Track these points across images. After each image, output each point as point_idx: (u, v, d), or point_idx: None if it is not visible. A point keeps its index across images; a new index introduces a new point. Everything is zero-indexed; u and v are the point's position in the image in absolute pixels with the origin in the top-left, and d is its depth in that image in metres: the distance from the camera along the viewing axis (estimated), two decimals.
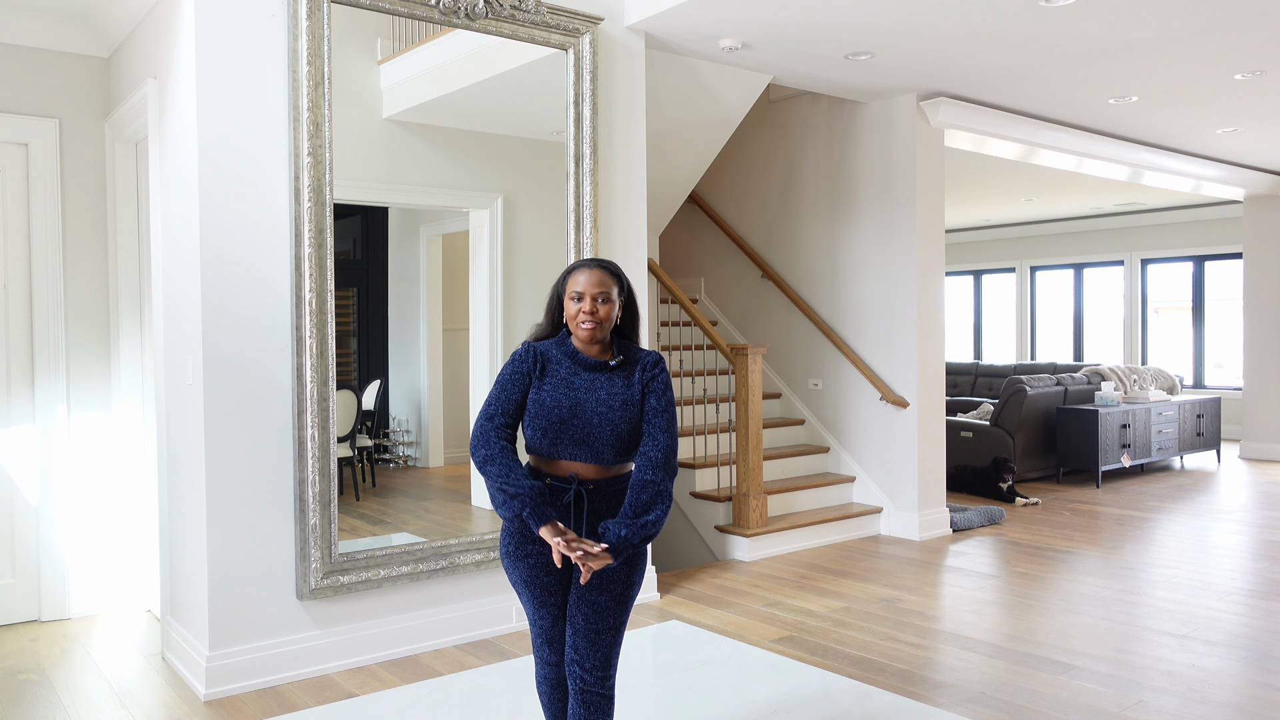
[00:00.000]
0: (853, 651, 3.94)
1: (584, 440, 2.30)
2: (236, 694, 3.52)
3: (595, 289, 2.34)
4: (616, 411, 2.31)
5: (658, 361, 2.42)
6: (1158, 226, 11.71)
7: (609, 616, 2.34)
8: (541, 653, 2.46)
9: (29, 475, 4.45)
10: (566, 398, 2.31)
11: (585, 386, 2.33)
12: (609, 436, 2.30)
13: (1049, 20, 4.51)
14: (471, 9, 3.96)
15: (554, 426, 2.30)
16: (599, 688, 2.37)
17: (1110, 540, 5.97)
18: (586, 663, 2.35)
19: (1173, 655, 3.86)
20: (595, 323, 2.33)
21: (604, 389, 2.34)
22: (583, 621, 2.34)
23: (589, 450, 2.31)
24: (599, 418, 2.30)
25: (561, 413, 2.30)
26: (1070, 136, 6.80)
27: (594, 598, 2.33)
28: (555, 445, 2.31)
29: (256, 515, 3.59)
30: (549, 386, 2.33)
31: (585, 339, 2.35)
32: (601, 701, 2.38)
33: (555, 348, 2.39)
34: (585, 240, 4.35)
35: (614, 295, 2.36)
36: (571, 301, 2.35)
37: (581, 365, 2.35)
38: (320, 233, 3.61)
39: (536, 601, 2.40)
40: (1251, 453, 9.51)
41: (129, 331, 4.61)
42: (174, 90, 3.71)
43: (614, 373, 2.36)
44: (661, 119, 5.45)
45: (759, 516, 5.59)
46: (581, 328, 2.34)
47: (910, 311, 6.03)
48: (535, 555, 2.35)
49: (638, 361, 2.40)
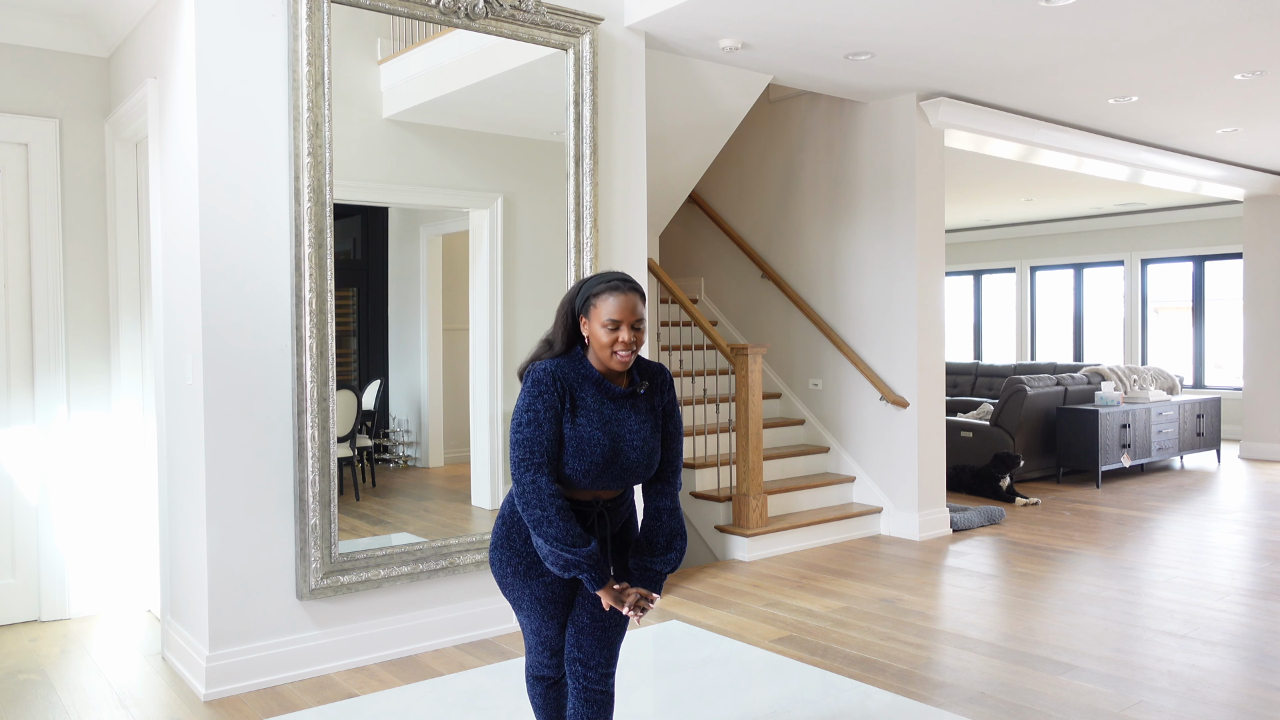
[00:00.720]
0: (853, 651, 3.94)
1: (625, 473, 2.26)
2: (236, 694, 3.52)
3: (631, 316, 2.20)
4: (650, 442, 2.29)
5: (664, 374, 2.38)
6: (1158, 226, 11.71)
7: (614, 614, 2.34)
8: (541, 656, 2.45)
9: (29, 475, 4.45)
10: (604, 434, 2.22)
11: (617, 418, 2.25)
12: (644, 465, 2.29)
13: (1049, 20, 4.51)
14: (471, 9, 3.96)
15: (598, 465, 2.21)
16: (602, 685, 2.37)
17: (1110, 540, 5.97)
18: (592, 660, 2.35)
19: (1173, 655, 3.86)
20: (632, 354, 2.22)
21: (633, 418, 2.27)
22: (588, 620, 2.34)
23: (623, 481, 2.28)
24: (636, 451, 2.26)
25: (604, 451, 2.21)
26: (1070, 136, 6.80)
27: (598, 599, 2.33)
28: (598, 480, 2.24)
29: (256, 515, 3.59)
30: (583, 420, 2.21)
31: (619, 369, 2.24)
32: (605, 699, 2.38)
33: (573, 372, 2.25)
34: (585, 240, 4.35)
35: (643, 317, 2.24)
36: (603, 329, 2.20)
37: (607, 395, 2.25)
38: (320, 233, 3.61)
39: (546, 615, 2.37)
40: (1251, 453, 9.51)
41: (129, 331, 4.61)
42: (174, 90, 3.71)
43: (639, 399, 2.30)
44: (661, 119, 5.45)
45: (759, 516, 5.59)
46: (618, 358, 2.21)
47: (910, 311, 6.03)
48: (551, 575, 2.31)
49: (652, 380, 2.35)
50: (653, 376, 2.35)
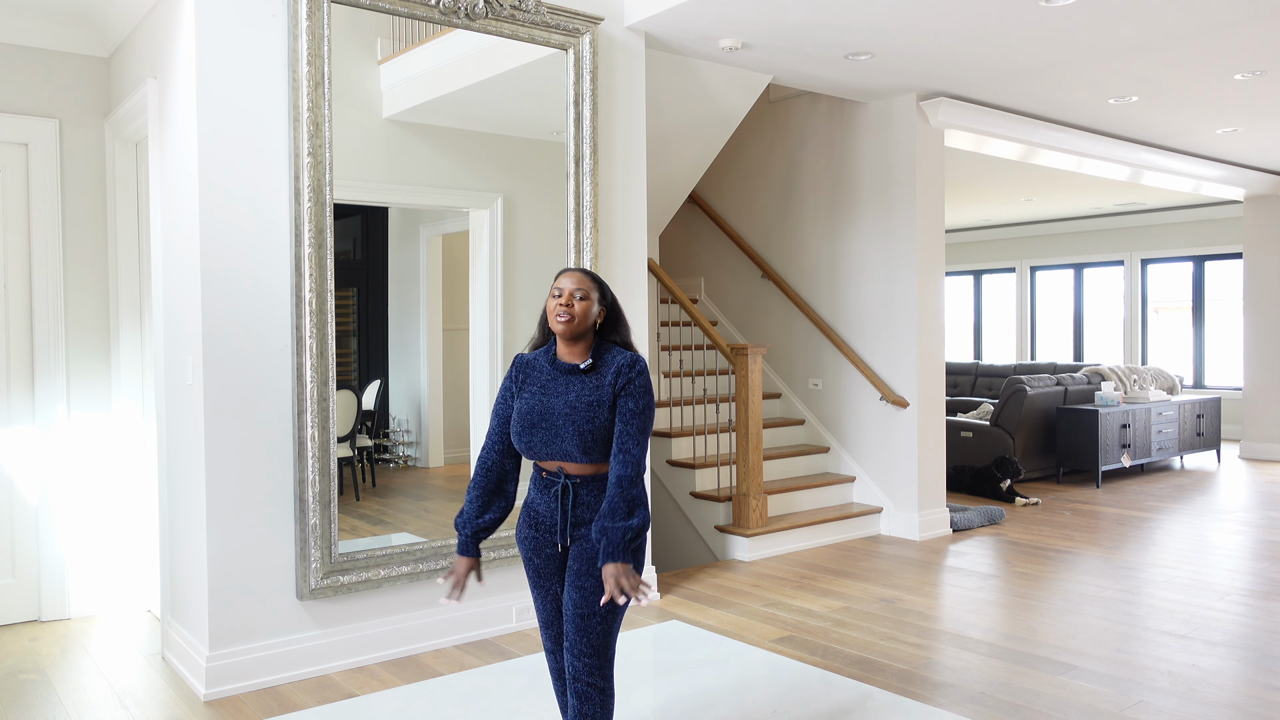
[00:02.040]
0: (853, 651, 3.94)
1: (550, 441, 2.40)
2: (236, 694, 3.52)
3: (573, 286, 2.43)
4: (581, 412, 2.38)
5: (634, 363, 2.42)
6: (1158, 226, 11.71)
7: (594, 602, 2.37)
8: (542, 636, 2.58)
9: (29, 475, 4.45)
10: (539, 403, 2.42)
11: (558, 390, 2.43)
12: (572, 436, 2.37)
13: (1049, 20, 4.51)
14: (471, 9, 3.96)
15: (526, 430, 2.42)
16: (588, 677, 2.38)
17: (1110, 540, 5.97)
18: (575, 649, 2.39)
19: (1173, 655, 3.86)
20: (570, 316, 2.39)
21: (574, 391, 2.41)
22: (571, 608, 2.41)
23: (558, 450, 2.40)
24: (563, 419, 2.38)
25: (532, 417, 2.42)
26: (1070, 136, 6.80)
27: (581, 583, 2.40)
28: (529, 448, 2.43)
29: (256, 515, 3.59)
30: (527, 394, 2.45)
31: (561, 333, 2.42)
32: (592, 693, 2.38)
33: (540, 356, 2.50)
34: (585, 240, 4.35)
35: (592, 295, 2.43)
36: (552, 298, 2.44)
37: (559, 370, 2.45)
38: (320, 233, 3.61)
39: (531, 583, 2.54)
40: (1251, 453, 9.51)
41: (129, 331, 4.61)
42: (174, 90, 3.71)
43: (585, 375, 2.43)
44: (661, 119, 5.45)
45: (759, 516, 5.59)
46: (558, 320, 2.40)
47: (910, 311, 6.03)
48: (530, 539, 2.51)
49: (612, 364, 2.43)
50: (613, 360, 2.44)
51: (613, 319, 2.51)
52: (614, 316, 2.51)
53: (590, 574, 2.39)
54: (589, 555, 2.39)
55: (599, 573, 2.36)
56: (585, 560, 2.40)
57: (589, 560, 2.39)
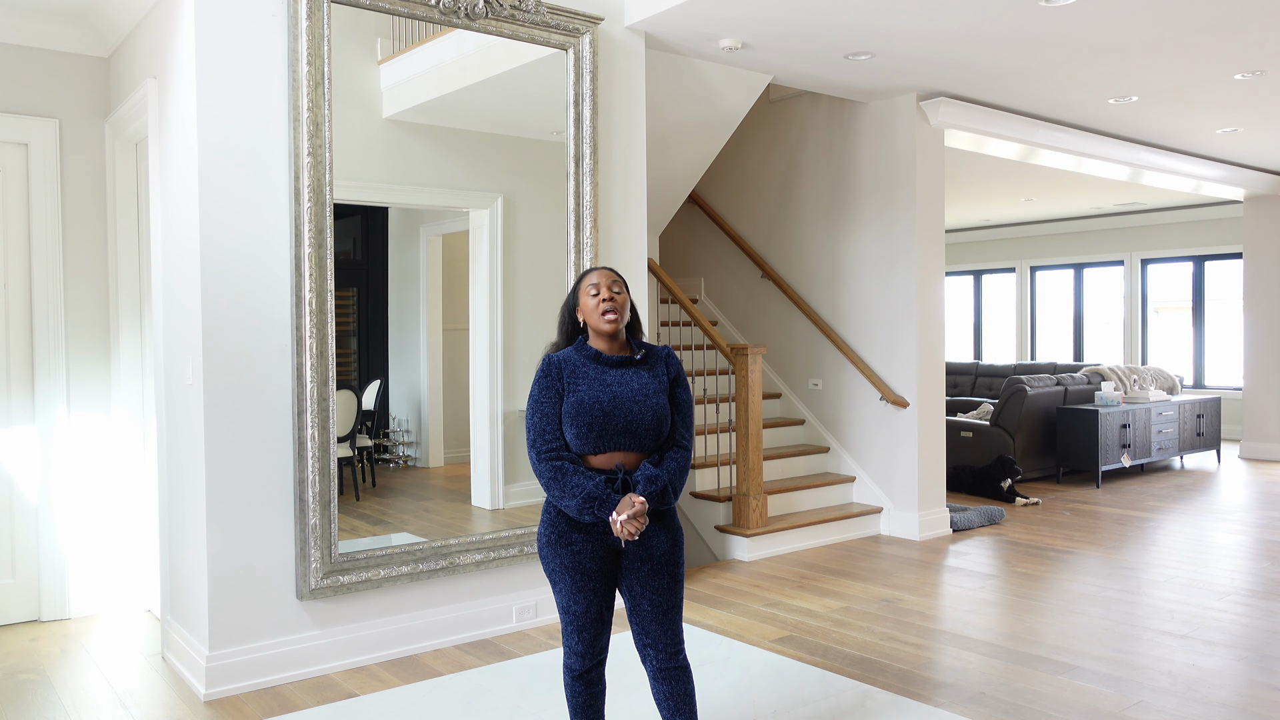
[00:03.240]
0: (853, 651, 3.94)
1: (627, 429, 2.42)
2: (236, 694, 3.52)
3: (608, 279, 2.50)
4: (653, 398, 2.45)
5: (671, 354, 2.58)
6: (1158, 226, 11.71)
7: (671, 595, 2.50)
8: (570, 641, 2.55)
9: (29, 475, 4.45)
10: (603, 393, 2.42)
11: (617, 381, 2.45)
12: (650, 421, 2.43)
13: (1049, 20, 4.51)
14: (471, 9, 3.96)
15: (598, 421, 2.40)
16: (673, 661, 2.51)
17: (1110, 540, 5.97)
18: (660, 643, 2.50)
19: (1173, 655, 3.86)
20: (616, 310, 2.46)
21: (634, 381, 2.46)
22: (649, 607, 2.49)
23: (633, 438, 2.43)
24: (638, 406, 2.42)
25: (602, 406, 2.41)
26: (1070, 136, 6.80)
27: (654, 583, 2.48)
28: (602, 438, 2.41)
29: (256, 515, 3.59)
30: (583, 386, 2.43)
31: (609, 329, 2.46)
32: (680, 674, 2.52)
33: (573, 356, 2.50)
34: (585, 240, 4.35)
35: (626, 289, 2.53)
36: (589, 298, 2.48)
37: (607, 364, 2.47)
38: (320, 233, 3.61)
39: (574, 588, 2.48)
40: (1251, 453, 9.51)
41: (129, 331, 4.61)
42: (174, 90, 3.71)
43: (639, 366, 2.50)
44: (661, 119, 5.45)
45: (759, 516, 5.59)
46: (605, 318, 2.45)
47: (910, 311, 6.03)
48: (580, 543, 2.46)
49: (655, 354, 2.55)
50: (652, 350, 2.57)
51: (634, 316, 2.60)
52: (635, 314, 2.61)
53: (663, 571, 2.47)
54: (655, 554, 2.46)
55: (668, 568, 2.48)
56: (653, 559, 2.47)
57: (656, 558, 2.47)
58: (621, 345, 2.53)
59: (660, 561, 2.47)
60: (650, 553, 2.47)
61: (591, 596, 2.49)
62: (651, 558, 2.47)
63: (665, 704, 2.54)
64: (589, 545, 2.46)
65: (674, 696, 2.52)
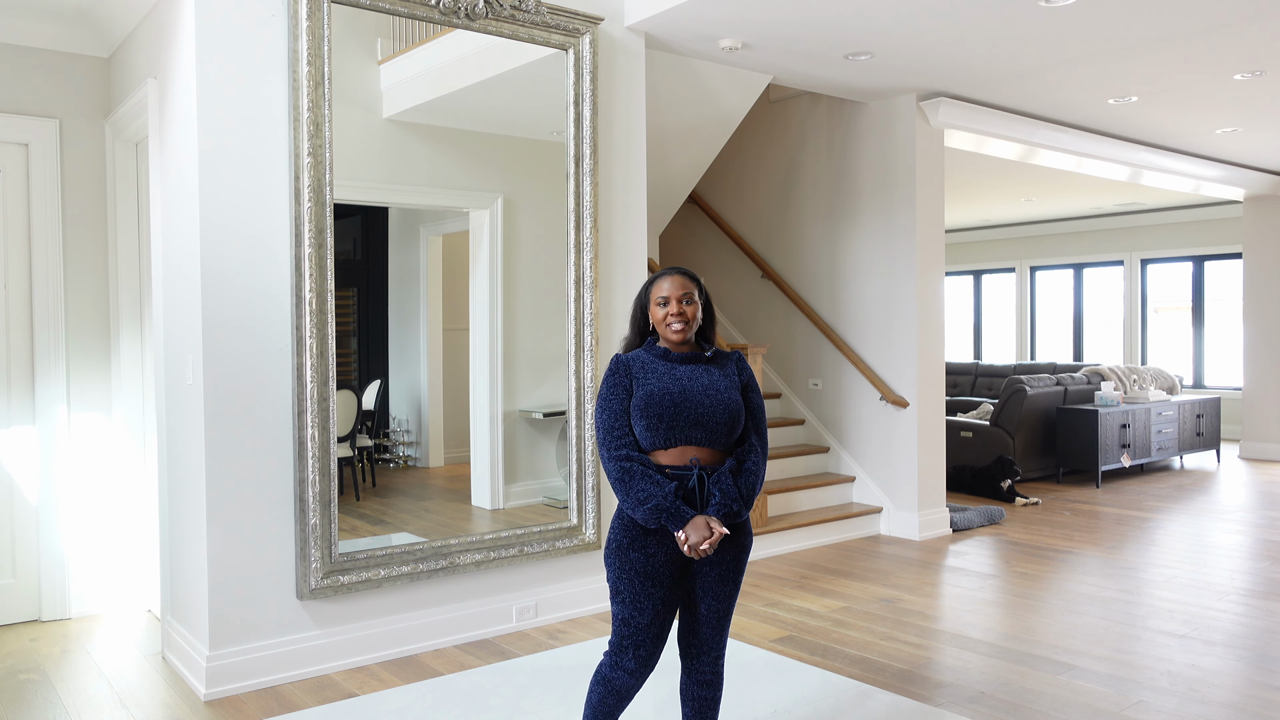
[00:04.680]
0: (853, 651, 3.94)
1: (699, 420, 2.38)
2: (236, 694, 3.52)
3: (679, 291, 2.45)
4: (724, 393, 2.42)
5: (742, 358, 2.56)
6: (1158, 226, 11.71)
7: (730, 602, 2.48)
8: (622, 656, 2.42)
9: (29, 475, 4.45)
10: (674, 385, 2.40)
11: (688, 376, 2.43)
12: (723, 414, 2.40)
13: (1049, 20, 4.51)
14: (471, 9, 3.96)
15: (668, 411, 2.37)
16: (715, 667, 2.52)
17: (1110, 540, 5.97)
18: (710, 649, 2.49)
19: (1173, 655, 3.86)
20: (684, 322, 2.44)
21: (705, 376, 2.44)
22: (706, 612, 2.46)
23: (706, 430, 2.38)
24: (710, 398, 2.40)
25: (673, 397, 2.38)
26: (1070, 136, 6.80)
27: (718, 589, 2.45)
28: (673, 430, 2.37)
29: (256, 515, 3.59)
30: (653, 380, 2.41)
31: (676, 339, 2.46)
32: (718, 681, 2.54)
33: (642, 355, 2.49)
34: (585, 240, 4.35)
35: (696, 297, 2.48)
36: (658, 307, 2.46)
37: (677, 360, 2.46)
38: (320, 233, 3.61)
39: (641, 595, 2.38)
40: (1251, 453, 9.51)
41: (129, 332, 4.61)
42: (174, 90, 3.71)
43: (710, 363, 2.48)
44: (661, 119, 5.45)
45: (759, 516, 5.59)
46: (672, 329, 2.44)
47: (910, 311, 6.03)
48: (654, 546, 2.38)
49: (725, 356, 2.54)
50: (724, 353, 2.55)
51: (708, 317, 2.55)
52: (709, 314, 2.55)
53: (729, 578, 2.45)
54: (725, 560, 2.43)
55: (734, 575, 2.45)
56: (722, 564, 2.43)
57: (725, 564, 2.43)
58: (691, 347, 2.51)
59: (729, 568, 2.44)
60: (721, 557, 2.42)
61: (659, 605, 2.39)
62: (721, 563, 2.43)
63: (692, 704, 2.53)
64: (663, 549, 2.38)
65: (706, 703, 2.52)
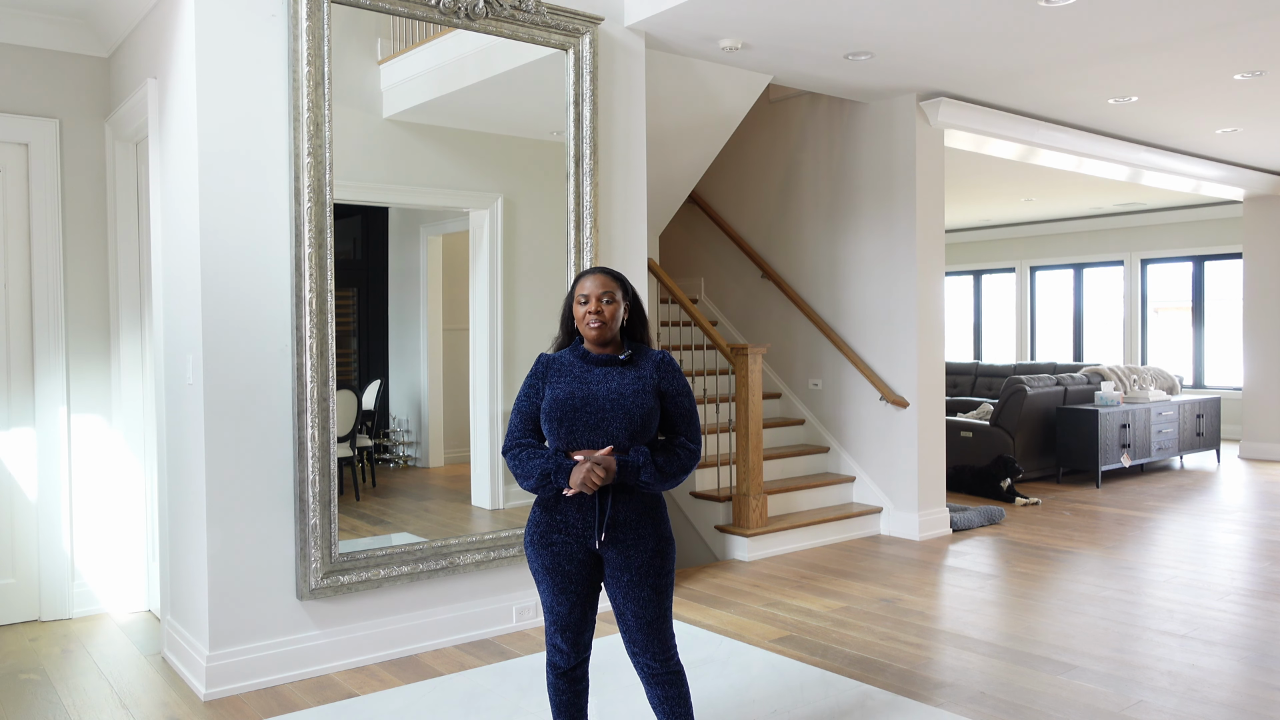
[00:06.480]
0: (853, 651, 3.94)
1: (597, 425, 2.41)
2: (236, 694, 3.52)
3: (599, 290, 2.48)
4: (629, 399, 2.42)
5: (667, 359, 2.54)
6: (1158, 226, 11.71)
7: (654, 606, 2.47)
8: (554, 639, 2.55)
9: (29, 475, 4.45)
10: (579, 389, 2.44)
11: (598, 379, 2.46)
12: (622, 419, 2.41)
13: (1049, 20, 4.51)
14: (471, 9, 3.96)
15: (568, 416, 2.41)
16: (665, 667, 2.51)
17: (1110, 540, 5.97)
18: (649, 651, 2.49)
19: (1173, 655, 3.86)
20: (601, 321, 2.46)
21: (616, 380, 2.46)
22: (632, 617, 2.48)
23: (605, 435, 2.41)
24: (611, 404, 2.42)
25: (574, 402, 2.42)
26: (1070, 136, 6.80)
27: (636, 594, 2.45)
28: (572, 433, 2.41)
29: (256, 515, 3.59)
30: (561, 384, 2.46)
31: (594, 338, 2.48)
32: (672, 678, 2.52)
33: (568, 353, 2.53)
34: (585, 240, 4.35)
35: (618, 297, 2.50)
36: (579, 305, 2.49)
37: (592, 362, 2.49)
38: (320, 233, 3.61)
39: (556, 589, 2.49)
40: (1251, 453, 9.51)
41: (129, 332, 4.61)
42: (174, 90, 3.71)
43: (624, 366, 2.49)
44: (661, 119, 5.45)
45: (759, 516, 5.59)
46: (590, 328, 2.46)
47: (910, 312, 6.03)
48: (560, 544, 2.46)
49: (647, 357, 2.54)
50: (646, 354, 2.55)
51: (636, 317, 2.58)
52: (637, 314, 2.58)
53: (644, 582, 2.44)
54: (636, 563, 2.43)
55: (650, 579, 2.45)
56: (633, 569, 2.44)
57: (637, 568, 2.44)
58: (614, 348, 2.53)
59: (641, 572, 2.44)
60: (629, 562, 2.43)
61: (574, 598, 2.49)
62: (630, 568, 2.43)
63: (660, 708, 2.53)
64: (569, 547, 2.45)
65: (668, 700, 2.52)
